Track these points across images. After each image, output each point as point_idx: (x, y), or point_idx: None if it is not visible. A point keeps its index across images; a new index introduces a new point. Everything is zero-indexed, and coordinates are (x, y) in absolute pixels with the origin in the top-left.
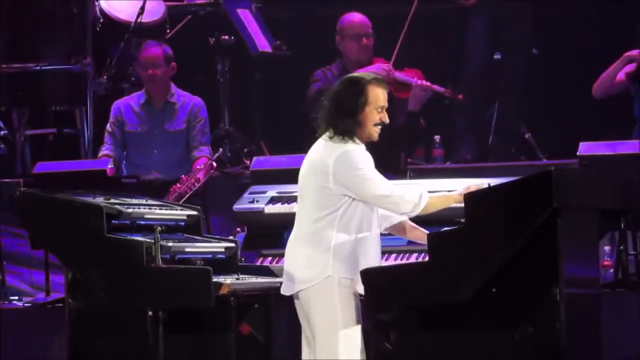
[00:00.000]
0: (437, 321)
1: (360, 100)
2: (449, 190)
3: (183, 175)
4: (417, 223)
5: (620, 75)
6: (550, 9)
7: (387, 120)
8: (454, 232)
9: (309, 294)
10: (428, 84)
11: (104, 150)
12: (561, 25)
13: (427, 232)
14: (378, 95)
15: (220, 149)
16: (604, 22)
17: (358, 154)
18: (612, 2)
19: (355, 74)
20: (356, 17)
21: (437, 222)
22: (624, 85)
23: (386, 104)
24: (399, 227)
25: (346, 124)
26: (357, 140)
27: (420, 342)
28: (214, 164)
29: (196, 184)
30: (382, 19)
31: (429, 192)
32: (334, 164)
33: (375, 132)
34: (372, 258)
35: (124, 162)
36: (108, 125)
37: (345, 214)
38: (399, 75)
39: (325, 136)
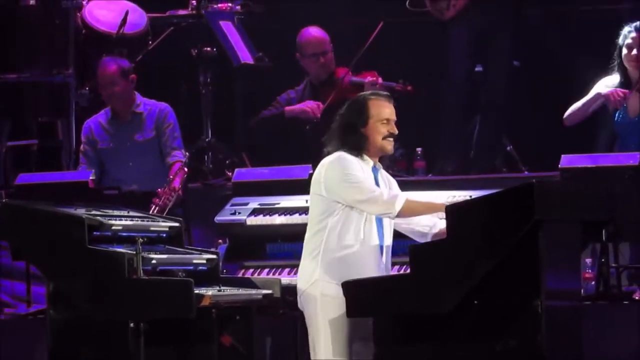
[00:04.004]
0: (418, 333)
1: (362, 114)
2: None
3: (159, 189)
4: (396, 236)
5: (594, 108)
6: (531, 20)
7: (395, 132)
8: (436, 244)
9: (302, 302)
10: (379, 80)
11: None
12: (542, 37)
13: None
14: (380, 108)
15: (187, 153)
16: (586, 33)
17: (348, 159)
18: (593, 13)
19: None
20: (312, 36)
21: None
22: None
23: (393, 117)
24: (440, 234)
25: (353, 140)
26: (366, 156)
27: (402, 353)
28: (186, 168)
29: (173, 194)
30: (366, 28)
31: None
32: (325, 171)
33: (386, 144)
34: (371, 268)
35: (104, 178)
36: (81, 145)
37: (339, 222)
38: (354, 78)
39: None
